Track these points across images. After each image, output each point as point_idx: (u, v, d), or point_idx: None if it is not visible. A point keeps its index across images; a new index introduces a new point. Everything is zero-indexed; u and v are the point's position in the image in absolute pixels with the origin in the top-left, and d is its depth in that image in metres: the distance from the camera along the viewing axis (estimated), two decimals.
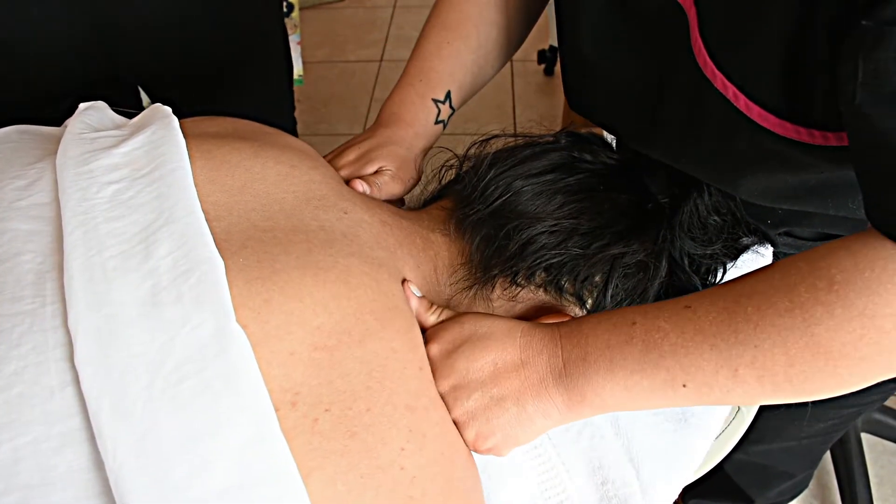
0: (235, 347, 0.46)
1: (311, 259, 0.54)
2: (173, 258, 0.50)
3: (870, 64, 0.42)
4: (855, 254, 0.46)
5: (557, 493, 0.63)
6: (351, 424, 0.48)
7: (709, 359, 0.50)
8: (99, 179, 0.55)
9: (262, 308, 0.50)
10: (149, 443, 0.43)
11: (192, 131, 0.62)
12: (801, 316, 0.47)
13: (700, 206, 0.70)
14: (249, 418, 0.45)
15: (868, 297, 0.45)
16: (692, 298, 0.53)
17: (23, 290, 0.49)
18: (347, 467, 0.47)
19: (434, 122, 0.78)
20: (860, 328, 0.45)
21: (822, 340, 0.47)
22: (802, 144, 0.53)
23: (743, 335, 0.49)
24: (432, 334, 0.59)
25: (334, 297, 0.53)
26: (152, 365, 0.45)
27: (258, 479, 0.44)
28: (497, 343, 0.57)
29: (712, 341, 0.50)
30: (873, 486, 1.44)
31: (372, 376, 0.51)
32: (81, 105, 0.67)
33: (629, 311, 0.55)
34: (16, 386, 0.45)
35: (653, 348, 0.52)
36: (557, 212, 0.66)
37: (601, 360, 0.54)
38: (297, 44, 1.87)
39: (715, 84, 0.56)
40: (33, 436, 0.43)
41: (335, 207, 0.62)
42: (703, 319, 0.51)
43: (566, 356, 0.55)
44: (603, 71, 0.69)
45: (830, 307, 0.46)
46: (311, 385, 0.48)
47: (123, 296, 0.48)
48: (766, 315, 0.48)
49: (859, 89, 0.43)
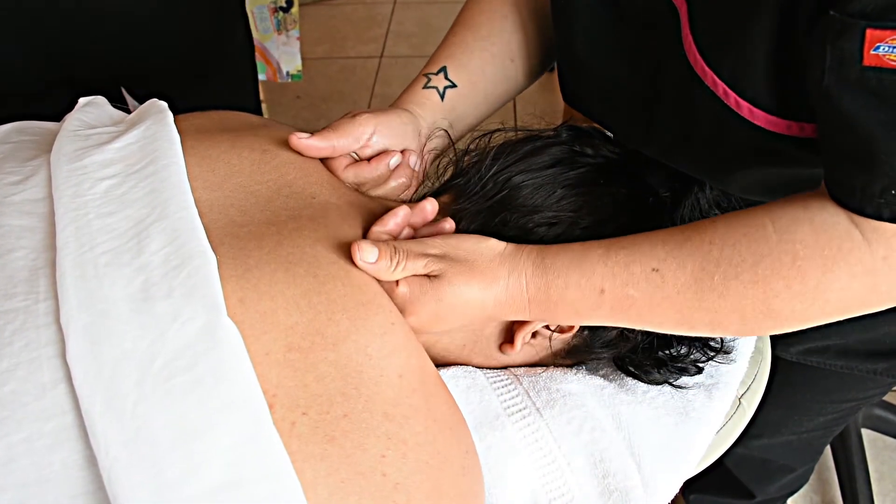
0: (227, 342, 0.46)
1: (282, 252, 0.54)
2: (165, 253, 0.50)
3: (836, 51, 0.46)
4: (817, 230, 0.51)
5: (559, 486, 0.62)
6: (329, 429, 0.48)
7: (671, 320, 0.57)
8: (92, 175, 0.55)
9: (237, 308, 0.49)
10: (141, 440, 0.43)
11: (183, 127, 0.62)
12: (763, 289, 0.52)
13: (701, 199, 0.70)
14: (242, 414, 0.45)
15: (823, 275, 0.51)
16: (660, 259, 0.55)
17: (15, 287, 0.49)
18: (327, 471, 0.46)
19: (422, 87, 0.75)
20: (811, 300, 0.52)
21: (775, 308, 0.53)
22: (794, 138, 0.55)
23: (707, 303, 0.54)
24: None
25: (305, 293, 0.52)
26: (143, 361, 0.45)
27: (252, 475, 0.44)
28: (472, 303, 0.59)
29: (678, 308, 0.55)
30: (873, 481, 1.44)
31: (347, 382, 0.50)
32: (81, 100, 0.67)
33: (597, 273, 0.57)
34: (8, 383, 0.44)
35: (620, 313, 0.58)
36: (557, 205, 0.66)
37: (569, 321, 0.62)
38: (296, 39, 1.86)
39: (706, 82, 0.56)
40: (27, 433, 0.43)
41: (304, 193, 0.62)
42: (670, 286, 0.55)
43: (533, 319, 0.61)
44: (596, 70, 0.69)
45: (789, 282, 0.52)
46: (287, 387, 0.48)
47: (115, 292, 0.48)
48: (730, 286, 0.53)
49: (827, 73, 0.47)
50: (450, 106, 0.75)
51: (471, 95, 0.76)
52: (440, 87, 0.75)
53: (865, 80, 0.45)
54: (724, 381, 0.70)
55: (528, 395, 0.65)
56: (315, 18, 2.85)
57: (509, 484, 0.62)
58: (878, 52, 0.44)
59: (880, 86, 0.45)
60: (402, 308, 0.58)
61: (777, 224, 0.53)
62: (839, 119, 0.48)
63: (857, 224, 0.50)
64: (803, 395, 0.97)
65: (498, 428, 0.63)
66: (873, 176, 0.47)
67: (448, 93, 0.75)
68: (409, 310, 0.58)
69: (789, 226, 0.52)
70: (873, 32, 0.44)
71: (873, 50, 0.44)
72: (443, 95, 0.75)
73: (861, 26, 0.44)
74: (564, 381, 0.67)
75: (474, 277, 0.58)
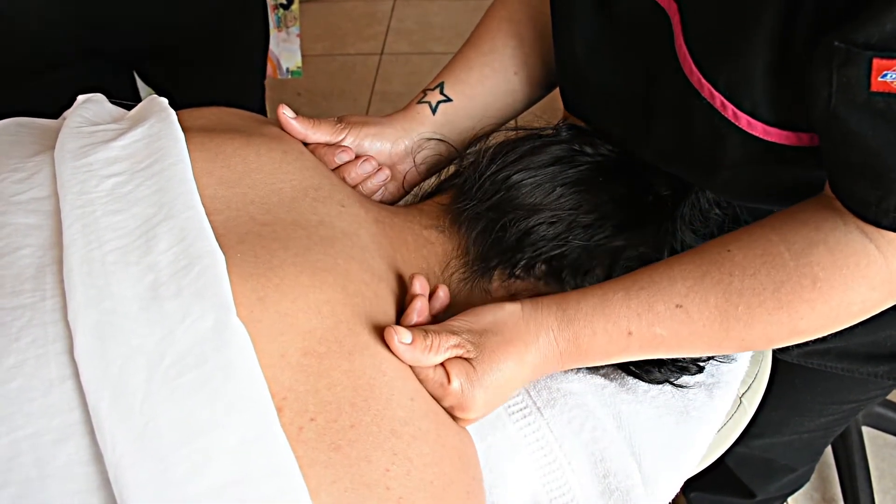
0: (236, 342, 0.46)
1: (310, 257, 0.54)
2: (174, 253, 0.50)
3: (842, 77, 0.46)
4: (833, 250, 0.52)
5: (559, 485, 0.63)
6: (335, 437, 0.47)
7: (700, 350, 0.58)
8: (98, 173, 0.55)
9: (255, 306, 0.49)
10: (148, 437, 0.43)
11: (188, 124, 0.62)
12: (788, 314, 0.53)
13: (702, 198, 0.70)
14: (250, 413, 0.45)
15: (844, 293, 0.52)
16: (682, 294, 0.56)
17: (22, 284, 0.49)
18: (332, 479, 0.46)
19: (417, 102, 0.76)
20: (835, 316, 0.54)
21: (801, 328, 0.55)
22: (791, 147, 0.55)
23: (734, 332, 0.55)
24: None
25: (328, 301, 0.52)
26: (151, 359, 0.45)
27: (258, 474, 0.44)
28: (505, 372, 0.57)
29: (706, 340, 0.56)
30: (874, 479, 1.45)
31: (357, 393, 0.50)
32: (79, 98, 0.67)
33: (622, 316, 0.57)
34: (15, 379, 0.44)
35: (650, 350, 0.58)
36: (556, 203, 0.66)
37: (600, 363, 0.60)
38: (296, 36, 1.86)
39: (702, 93, 0.56)
40: (33, 429, 0.43)
41: (332, 199, 0.61)
42: (696, 321, 0.55)
43: (564, 365, 0.59)
44: (594, 78, 0.69)
45: (813, 303, 0.53)
46: (298, 391, 0.48)
47: (123, 290, 0.48)
48: (755, 314, 0.54)
49: (834, 96, 0.47)
50: (443, 120, 0.76)
51: (468, 108, 0.76)
52: (433, 102, 0.76)
53: (873, 104, 0.46)
54: (724, 381, 0.71)
55: (528, 394, 0.65)
56: (315, 15, 2.85)
57: (510, 483, 0.62)
58: (885, 79, 0.45)
59: (889, 109, 0.45)
60: (457, 406, 0.56)
61: (793, 249, 0.53)
62: (848, 138, 0.48)
63: (871, 237, 0.51)
64: (804, 395, 0.97)
65: (499, 427, 0.63)
66: (887, 191, 0.48)
67: (442, 107, 0.76)
68: (464, 406, 0.56)
69: (805, 249, 0.53)
70: (880, 62, 0.44)
71: (881, 77, 0.45)
72: (434, 110, 0.76)
73: (867, 56, 0.45)
74: (565, 381, 0.67)
75: (508, 352, 0.57)
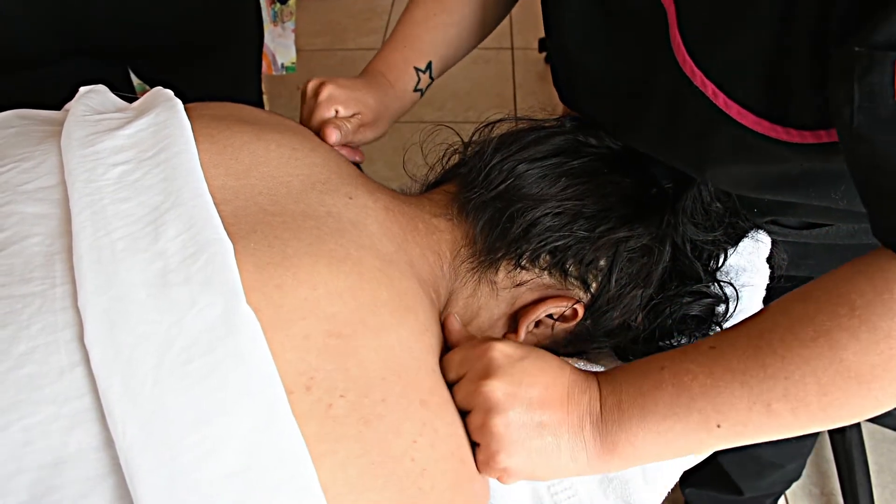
0: (245, 329, 0.46)
1: (324, 247, 0.54)
2: (182, 240, 0.50)
3: (865, 87, 0.43)
4: (872, 278, 0.46)
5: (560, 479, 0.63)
6: (366, 412, 0.48)
7: (741, 396, 0.50)
8: (105, 161, 0.55)
9: (274, 293, 0.50)
10: (157, 423, 0.43)
11: (195, 115, 0.62)
12: (827, 343, 0.47)
13: (703, 192, 0.70)
14: (259, 400, 0.45)
15: (892, 320, 0.45)
16: (715, 339, 0.53)
17: (32, 272, 0.49)
18: (360, 452, 0.47)
19: (413, 90, 0.81)
20: (888, 349, 0.45)
21: (851, 365, 0.46)
22: (781, 142, 0.54)
23: (772, 369, 0.49)
24: (494, 343, 0.57)
25: (349, 287, 0.53)
26: (161, 345, 0.45)
27: (268, 461, 0.44)
28: (552, 369, 0.56)
29: (742, 378, 0.50)
30: (872, 473, 1.45)
31: (388, 367, 0.51)
32: (82, 88, 0.67)
33: (657, 357, 0.55)
34: (26, 366, 0.45)
35: (683, 391, 0.52)
36: (561, 194, 0.66)
37: (634, 408, 0.54)
38: (291, 31, 1.85)
39: (694, 82, 0.56)
40: (44, 415, 0.43)
41: (339, 192, 0.62)
42: (730, 357, 0.51)
43: (603, 401, 0.55)
44: (585, 66, 0.70)
45: (855, 332, 0.46)
46: (326, 370, 0.48)
47: (132, 277, 0.48)
48: (791, 346, 0.48)
49: (857, 112, 0.44)
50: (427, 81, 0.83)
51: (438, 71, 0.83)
52: (424, 88, 0.82)
53: None
54: None
55: None
56: (315, 10, 2.85)
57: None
58: None
59: None
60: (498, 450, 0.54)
61: (823, 285, 0.50)
62: (878, 160, 0.45)
63: None
64: None
65: None
66: None
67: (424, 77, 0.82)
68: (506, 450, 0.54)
69: (838, 282, 0.49)
70: None
71: None
72: (423, 94, 0.83)
73: (891, 58, 0.42)
74: None
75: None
